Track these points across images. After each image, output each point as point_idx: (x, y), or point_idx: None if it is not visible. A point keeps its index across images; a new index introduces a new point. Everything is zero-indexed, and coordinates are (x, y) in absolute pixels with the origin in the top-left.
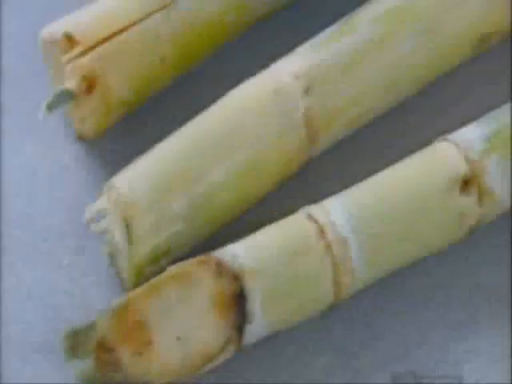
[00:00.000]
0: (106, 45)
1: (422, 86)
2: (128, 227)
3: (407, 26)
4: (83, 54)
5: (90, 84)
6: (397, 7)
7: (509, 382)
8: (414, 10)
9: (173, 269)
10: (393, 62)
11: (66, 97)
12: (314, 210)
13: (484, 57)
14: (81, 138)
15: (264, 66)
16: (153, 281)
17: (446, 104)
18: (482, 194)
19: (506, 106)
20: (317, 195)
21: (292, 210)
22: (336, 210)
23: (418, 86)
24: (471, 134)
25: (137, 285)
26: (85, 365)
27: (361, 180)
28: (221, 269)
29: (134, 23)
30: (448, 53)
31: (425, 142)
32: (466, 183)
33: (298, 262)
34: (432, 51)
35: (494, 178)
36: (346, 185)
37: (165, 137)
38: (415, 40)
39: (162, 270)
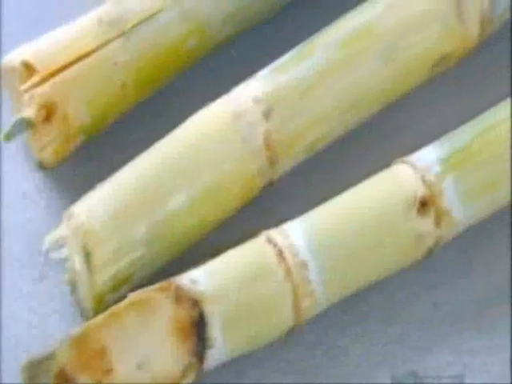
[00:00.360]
0: (65, 73)
1: (380, 109)
2: (88, 255)
3: (365, 49)
4: (42, 82)
5: (48, 112)
6: (354, 31)
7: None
8: (372, 33)
9: (132, 296)
10: (351, 86)
11: (24, 125)
12: (274, 233)
13: (440, 78)
14: (41, 166)
15: (224, 90)
16: (112, 308)
17: (403, 126)
18: (440, 216)
19: (462, 128)
20: (277, 219)
21: (252, 234)
22: (296, 234)
23: (376, 109)
24: (428, 156)
25: (98, 313)
26: None
27: (320, 203)
28: (180, 294)
29: (93, 51)
30: (405, 75)
31: (382, 165)
32: (423, 205)
33: (258, 287)
34: (390, 74)
35: (450, 199)
36: (305, 208)
37: (125, 163)
38: (373, 63)
39: (123, 297)
